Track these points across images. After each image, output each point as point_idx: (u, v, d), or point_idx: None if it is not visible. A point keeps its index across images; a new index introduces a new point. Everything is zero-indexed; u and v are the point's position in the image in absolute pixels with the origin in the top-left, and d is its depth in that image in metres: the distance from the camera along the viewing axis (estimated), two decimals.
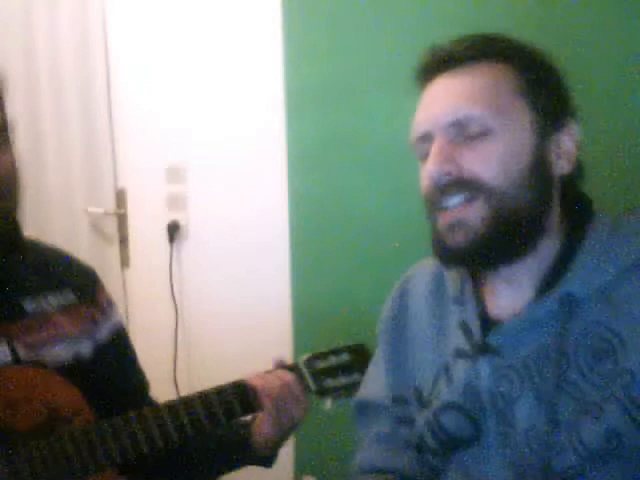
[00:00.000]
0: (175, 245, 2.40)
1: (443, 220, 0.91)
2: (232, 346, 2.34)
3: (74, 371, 1.13)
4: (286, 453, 2.13)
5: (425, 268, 1.08)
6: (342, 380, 1.24)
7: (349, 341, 1.28)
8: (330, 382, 1.24)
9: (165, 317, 2.40)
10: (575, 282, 0.87)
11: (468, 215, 0.88)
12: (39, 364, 1.10)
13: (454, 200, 0.89)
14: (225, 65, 2.26)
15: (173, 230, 2.39)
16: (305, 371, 1.23)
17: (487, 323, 0.94)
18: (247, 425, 1.21)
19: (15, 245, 1.13)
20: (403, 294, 1.09)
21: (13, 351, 1.07)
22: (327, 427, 1.92)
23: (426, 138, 0.94)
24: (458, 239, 0.89)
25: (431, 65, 0.96)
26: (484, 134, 0.88)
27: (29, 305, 1.13)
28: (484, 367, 0.91)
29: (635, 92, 1.64)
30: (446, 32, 1.97)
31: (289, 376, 1.22)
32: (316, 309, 2.18)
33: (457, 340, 0.96)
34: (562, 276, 0.88)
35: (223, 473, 1.28)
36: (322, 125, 2.07)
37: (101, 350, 1.21)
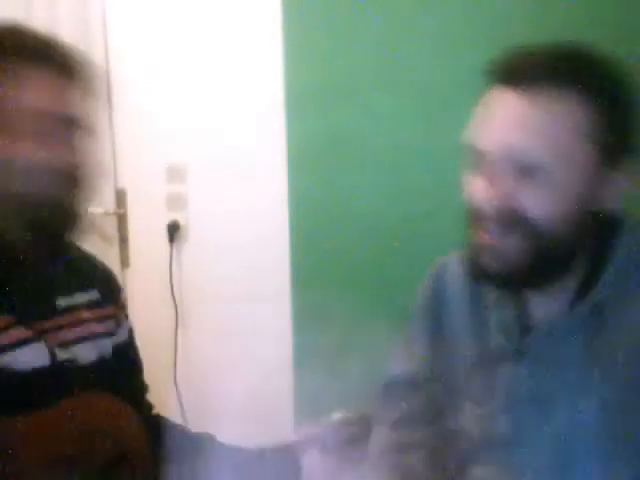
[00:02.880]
0: (175, 245, 2.40)
1: (481, 239, 0.91)
2: (232, 346, 2.34)
3: (96, 370, 1.15)
4: None
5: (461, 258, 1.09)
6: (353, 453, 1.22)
7: (349, 341, 1.28)
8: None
9: (165, 317, 2.40)
10: (605, 291, 0.89)
11: (505, 246, 0.89)
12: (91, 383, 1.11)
13: (496, 228, 0.89)
14: (225, 65, 2.26)
15: (173, 230, 2.39)
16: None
17: (526, 326, 0.96)
18: None
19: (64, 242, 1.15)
20: (440, 280, 1.10)
21: (51, 351, 1.08)
22: None
23: (482, 155, 0.91)
24: (491, 263, 0.90)
25: (506, 72, 0.90)
26: (540, 170, 0.86)
27: (62, 303, 1.14)
28: (522, 370, 0.94)
29: (635, 92, 1.64)
30: (446, 32, 1.98)
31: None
32: (316, 309, 2.17)
33: (496, 340, 0.99)
34: (594, 283, 0.90)
35: None
36: (322, 125, 2.07)
37: (119, 350, 1.23)
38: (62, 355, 1.09)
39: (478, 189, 0.90)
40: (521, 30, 1.79)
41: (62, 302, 1.14)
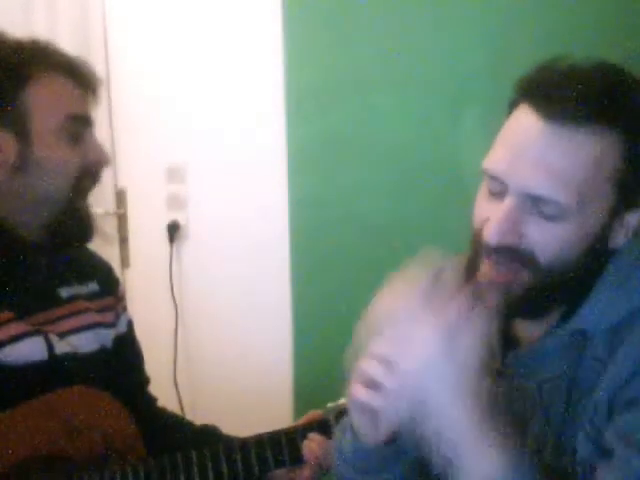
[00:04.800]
0: (175, 245, 2.40)
1: (486, 270, 0.87)
2: (232, 346, 2.34)
3: (98, 361, 1.17)
4: None
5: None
6: None
7: (348, 341, 1.28)
8: None
9: (165, 317, 2.40)
10: (586, 319, 0.86)
11: (511, 282, 0.85)
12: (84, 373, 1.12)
13: (504, 264, 0.85)
14: (225, 65, 2.26)
15: (173, 230, 2.39)
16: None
17: (509, 342, 0.94)
18: None
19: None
20: None
21: (49, 344, 1.10)
22: None
23: (498, 182, 0.86)
24: (496, 295, 0.86)
25: (540, 99, 0.83)
26: (558, 217, 0.82)
27: (64, 293, 1.17)
28: (502, 385, 0.92)
29: None
30: (446, 32, 1.98)
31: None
32: (316, 309, 2.18)
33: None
34: (578, 308, 0.87)
35: None
36: (322, 125, 2.07)
37: (120, 341, 1.25)
38: (61, 348, 1.11)
39: (491, 222, 0.85)
40: (521, 29, 1.79)
41: (64, 292, 1.17)
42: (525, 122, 0.84)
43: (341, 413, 1.20)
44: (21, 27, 2.44)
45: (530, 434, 0.89)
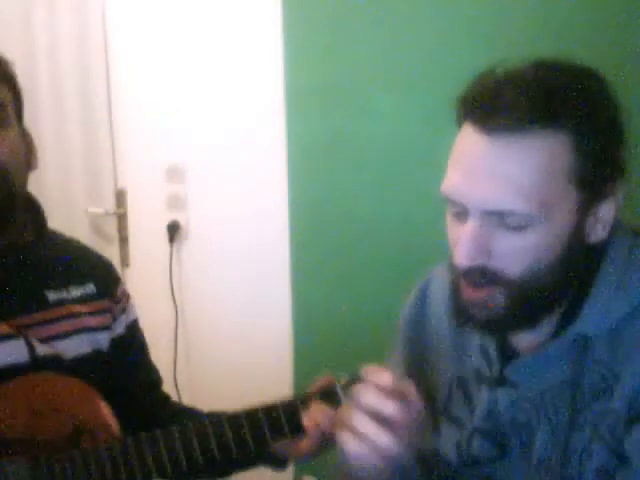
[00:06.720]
0: (175, 245, 2.40)
1: (465, 291, 0.86)
2: (232, 346, 2.34)
3: (92, 364, 1.14)
4: None
5: (444, 276, 1.03)
6: None
7: (348, 341, 1.28)
8: None
9: (165, 317, 2.40)
10: (588, 322, 0.85)
11: (490, 299, 0.85)
12: (64, 368, 1.09)
13: (480, 284, 0.84)
14: (225, 65, 2.26)
15: (173, 230, 2.39)
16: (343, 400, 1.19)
17: (507, 352, 0.93)
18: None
19: (41, 232, 1.16)
20: (422, 299, 1.07)
21: (30, 347, 1.07)
22: None
23: (458, 205, 0.85)
24: (480, 313, 0.86)
25: (481, 114, 0.82)
26: (523, 227, 0.81)
27: (51, 296, 1.14)
28: (502, 397, 0.92)
29: (635, 92, 1.64)
30: (446, 32, 1.98)
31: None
32: (316, 309, 2.18)
33: (477, 362, 0.96)
34: (577, 313, 0.86)
35: (234, 472, 1.24)
36: (322, 125, 2.07)
37: (118, 343, 1.22)
38: (43, 350, 1.08)
39: (459, 245, 0.83)
40: (521, 30, 1.79)
41: (53, 296, 1.14)
42: (470, 140, 0.83)
43: (349, 383, 1.18)
44: (21, 27, 2.45)
45: (535, 443, 0.89)
